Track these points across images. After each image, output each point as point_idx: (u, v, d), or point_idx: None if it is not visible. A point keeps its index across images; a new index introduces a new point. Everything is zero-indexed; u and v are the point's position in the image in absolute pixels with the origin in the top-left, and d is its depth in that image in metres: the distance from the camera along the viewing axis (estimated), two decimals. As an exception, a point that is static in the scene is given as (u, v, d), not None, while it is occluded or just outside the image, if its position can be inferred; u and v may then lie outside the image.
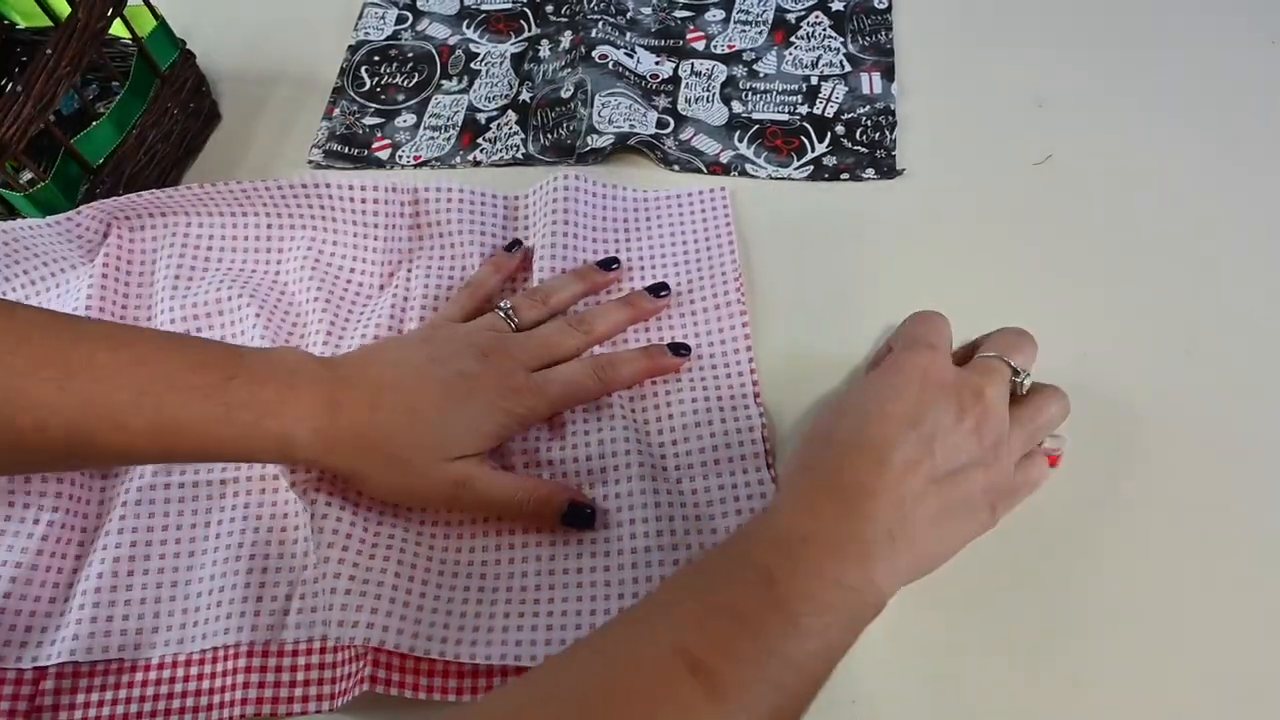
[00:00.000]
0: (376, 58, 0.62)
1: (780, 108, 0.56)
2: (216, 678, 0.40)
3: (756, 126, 0.55)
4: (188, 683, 0.40)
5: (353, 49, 0.63)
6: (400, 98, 0.60)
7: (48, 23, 0.54)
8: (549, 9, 0.63)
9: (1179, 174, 0.50)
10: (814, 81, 0.57)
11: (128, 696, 0.40)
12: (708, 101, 0.57)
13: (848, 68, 0.57)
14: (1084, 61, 0.55)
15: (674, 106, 0.57)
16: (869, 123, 0.54)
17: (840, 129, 0.54)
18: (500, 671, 0.38)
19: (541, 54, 0.61)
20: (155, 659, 0.40)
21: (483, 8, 0.64)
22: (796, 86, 0.57)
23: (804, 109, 0.56)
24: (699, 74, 0.58)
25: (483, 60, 0.61)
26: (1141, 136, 0.52)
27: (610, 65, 0.57)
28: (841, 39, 0.59)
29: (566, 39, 0.60)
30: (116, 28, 0.52)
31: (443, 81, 0.61)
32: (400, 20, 0.64)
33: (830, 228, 0.50)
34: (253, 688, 0.39)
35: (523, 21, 0.63)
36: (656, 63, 0.59)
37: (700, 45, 0.60)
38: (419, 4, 0.65)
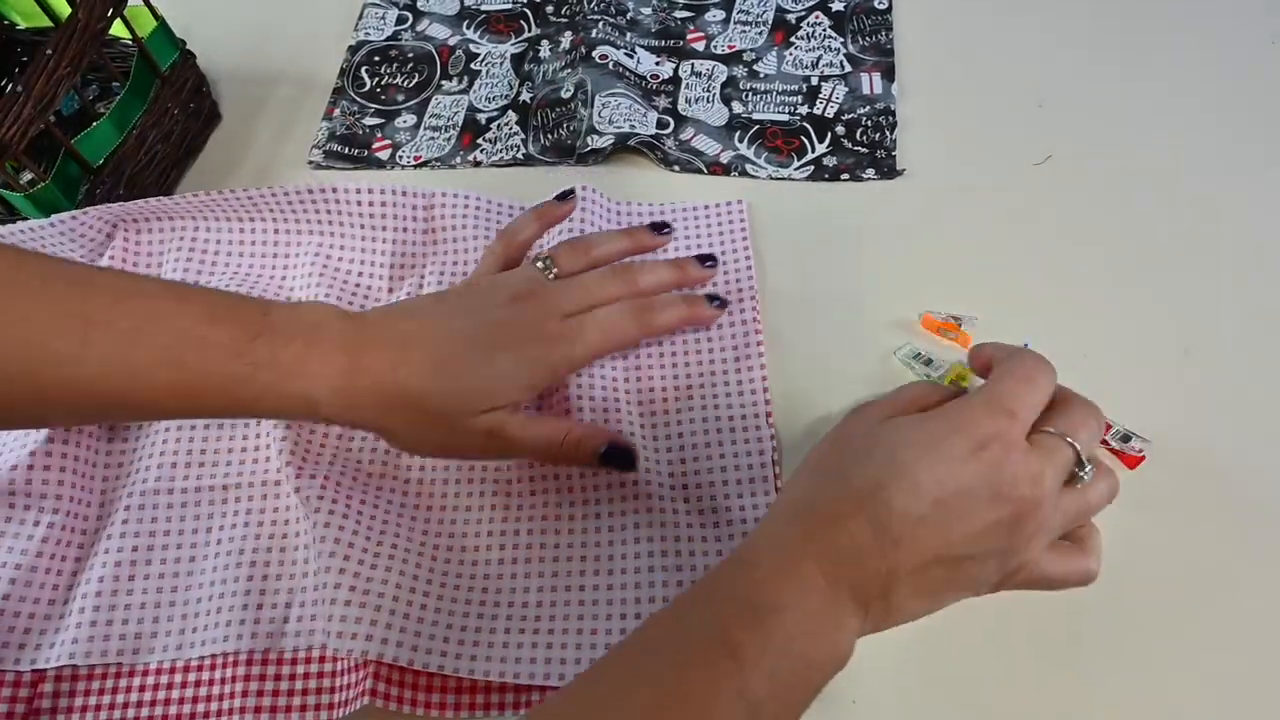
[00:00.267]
0: (377, 58, 0.62)
1: (780, 108, 0.56)
2: (215, 684, 0.40)
3: (757, 127, 0.55)
4: (186, 689, 0.40)
5: (353, 49, 0.63)
6: (400, 98, 0.60)
7: (48, 23, 0.54)
8: (549, 9, 0.63)
9: (1179, 174, 0.50)
10: (814, 82, 0.57)
11: (126, 701, 0.40)
12: (708, 102, 0.57)
13: (848, 68, 0.57)
14: (1084, 61, 0.55)
15: (674, 107, 0.57)
16: (869, 123, 0.54)
17: (840, 129, 0.54)
18: (499, 688, 0.39)
19: (542, 54, 0.61)
20: (154, 664, 0.40)
21: (483, 8, 0.64)
22: (797, 87, 0.57)
23: (804, 109, 0.56)
24: (699, 74, 0.58)
25: (483, 60, 0.61)
26: (1141, 136, 0.52)
27: (610, 65, 0.57)
28: (842, 39, 0.59)
29: (566, 39, 0.60)
30: (116, 28, 0.52)
31: (443, 82, 0.61)
32: (400, 21, 0.64)
33: (830, 228, 0.50)
34: (251, 695, 0.39)
35: (523, 22, 0.63)
36: (657, 63, 0.59)
37: (700, 45, 0.60)
38: (419, 4, 0.65)
